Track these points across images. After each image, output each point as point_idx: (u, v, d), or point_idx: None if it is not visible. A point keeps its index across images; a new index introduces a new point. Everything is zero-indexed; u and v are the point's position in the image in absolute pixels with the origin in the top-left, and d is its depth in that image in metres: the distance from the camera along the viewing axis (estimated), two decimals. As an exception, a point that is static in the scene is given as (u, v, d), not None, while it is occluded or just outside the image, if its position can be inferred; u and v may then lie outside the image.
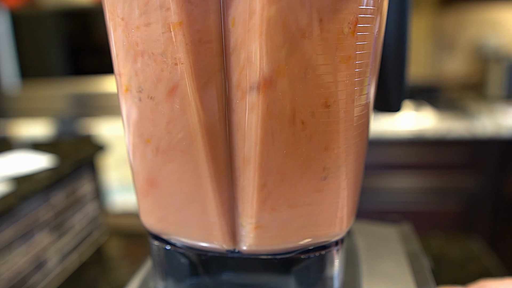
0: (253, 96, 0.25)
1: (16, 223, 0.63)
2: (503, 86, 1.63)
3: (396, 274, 0.39)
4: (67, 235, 0.76)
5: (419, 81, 1.74)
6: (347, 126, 0.27)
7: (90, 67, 1.81)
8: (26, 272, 0.65)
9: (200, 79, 0.25)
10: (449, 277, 0.58)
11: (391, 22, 0.34)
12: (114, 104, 1.77)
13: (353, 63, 0.26)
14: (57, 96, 1.83)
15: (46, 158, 0.77)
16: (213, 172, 0.27)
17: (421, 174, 1.39)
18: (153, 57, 0.26)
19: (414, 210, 1.41)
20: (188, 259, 0.32)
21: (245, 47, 0.25)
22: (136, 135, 0.30)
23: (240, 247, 0.30)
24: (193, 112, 0.26)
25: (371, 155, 1.37)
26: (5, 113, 1.87)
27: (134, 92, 0.28)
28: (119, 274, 0.71)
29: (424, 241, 0.68)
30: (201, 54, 0.25)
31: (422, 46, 1.74)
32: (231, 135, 0.27)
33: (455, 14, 1.71)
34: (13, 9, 1.77)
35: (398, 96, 0.37)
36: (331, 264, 0.32)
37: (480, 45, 1.72)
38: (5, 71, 1.83)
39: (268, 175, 0.27)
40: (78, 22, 1.79)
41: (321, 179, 0.28)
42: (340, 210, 0.30)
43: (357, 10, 0.25)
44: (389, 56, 0.35)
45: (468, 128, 1.31)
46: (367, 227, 0.48)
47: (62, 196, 0.75)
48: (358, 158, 0.30)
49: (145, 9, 0.25)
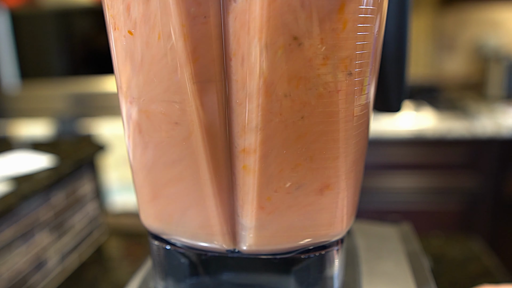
0: (253, 96, 0.25)
1: (16, 223, 0.63)
2: (503, 86, 1.63)
3: (396, 274, 0.39)
4: (67, 235, 0.76)
5: (419, 81, 1.74)
6: (347, 126, 0.27)
7: (90, 67, 1.81)
8: (26, 272, 0.65)
9: (201, 80, 0.25)
10: (449, 277, 0.58)
11: (391, 22, 0.34)
12: (114, 104, 1.77)
13: (353, 63, 0.26)
14: (57, 96, 1.83)
15: (46, 158, 0.77)
16: (213, 172, 0.27)
17: (421, 174, 1.39)
18: (153, 58, 0.26)
19: (414, 210, 1.41)
20: (188, 259, 0.32)
21: (245, 47, 0.25)
22: (136, 135, 0.30)
23: (240, 247, 0.30)
24: (193, 113, 0.26)
25: (371, 155, 1.37)
26: (5, 113, 1.87)
27: (134, 92, 0.28)
28: (119, 274, 0.71)
29: (424, 241, 0.68)
30: (201, 54, 0.25)
31: (422, 46, 1.74)
32: (231, 135, 0.27)
33: (455, 14, 1.71)
34: (13, 9, 1.77)
35: (398, 96, 0.37)
36: (331, 264, 0.32)
37: (480, 45, 1.72)
38: (5, 71, 1.83)
39: (268, 175, 0.27)
40: (78, 22, 1.79)
41: (321, 179, 0.28)
42: (340, 210, 0.30)
43: (357, 10, 0.25)
44: (389, 56, 0.35)
45: (468, 128, 1.31)
46: (367, 227, 0.48)
47: (62, 196, 0.75)
48: (358, 158, 0.30)
49: (145, 11, 0.25)
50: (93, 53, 1.81)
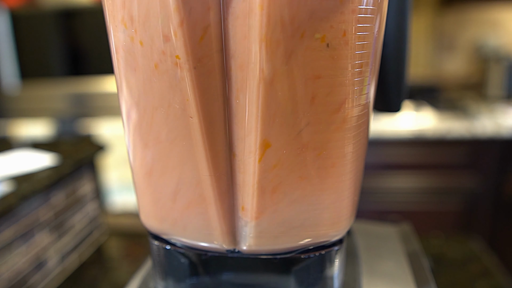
0: (253, 95, 0.25)
1: (16, 223, 0.63)
2: (503, 86, 1.63)
3: (396, 274, 0.39)
4: (67, 235, 0.76)
5: (419, 81, 1.74)
6: (347, 126, 0.27)
7: (90, 67, 1.81)
8: (26, 272, 0.65)
9: (201, 80, 0.25)
10: (449, 277, 0.58)
11: (391, 22, 0.34)
12: (114, 104, 1.77)
13: (353, 63, 0.26)
14: (57, 96, 1.83)
15: (46, 158, 0.77)
16: (213, 172, 0.27)
17: (421, 174, 1.39)
18: (153, 57, 0.26)
19: (414, 210, 1.41)
20: (188, 259, 0.32)
21: (245, 47, 0.25)
22: (136, 135, 0.30)
23: (240, 247, 0.30)
24: (193, 112, 0.26)
25: (371, 155, 1.37)
26: (5, 113, 1.87)
27: (134, 92, 0.28)
28: (119, 274, 0.71)
29: (424, 241, 0.68)
30: (201, 54, 0.25)
31: (422, 46, 1.74)
32: (231, 135, 0.27)
33: (455, 14, 1.71)
34: (13, 9, 1.77)
35: (398, 96, 0.37)
36: (331, 264, 0.32)
37: (480, 45, 1.72)
38: (5, 71, 1.83)
39: (268, 176, 0.27)
40: (78, 22, 1.79)
41: (321, 179, 0.28)
42: (340, 210, 0.30)
43: (357, 10, 0.25)
44: (389, 56, 0.35)
45: (468, 128, 1.31)
46: (367, 227, 0.48)
47: (62, 196, 0.75)
48: (358, 158, 0.30)
49: (145, 10, 0.25)
50: (93, 53, 1.81)
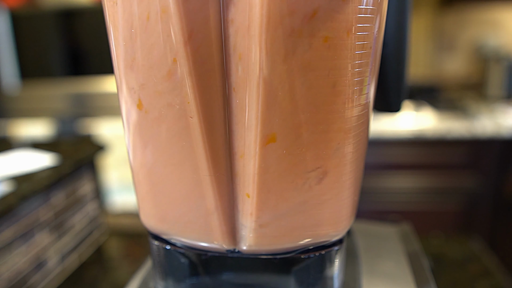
0: (253, 94, 0.25)
1: (16, 223, 0.63)
2: (503, 86, 1.63)
3: (396, 274, 0.39)
4: (67, 235, 0.76)
5: (419, 81, 1.74)
6: (347, 126, 0.27)
7: (90, 67, 1.81)
8: (26, 272, 0.65)
9: (201, 80, 0.25)
10: (449, 277, 0.58)
11: (391, 22, 0.34)
12: (114, 104, 1.77)
13: (353, 63, 0.26)
14: (57, 96, 1.83)
15: (46, 158, 0.77)
16: (213, 172, 0.27)
17: (421, 174, 1.39)
18: (152, 56, 0.26)
19: (414, 210, 1.41)
20: (188, 259, 0.32)
21: (244, 46, 0.25)
22: (136, 135, 0.30)
23: (240, 247, 0.30)
24: (193, 112, 0.26)
25: (371, 155, 1.37)
26: (5, 113, 1.87)
27: (134, 92, 0.28)
28: (119, 274, 0.71)
29: (424, 241, 0.68)
30: (201, 53, 0.25)
31: (422, 46, 1.74)
32: (231, 135, 0.27)
33: (455, 14, 1.71)
34: (13, 9, 1.77)
35: (398, 96, 0.37)
36: (331, 264, 0.32)
37: (480, 45, 1.72)
38: (5, 71, 1.83)
39: (268, 175, 0.27)
40: (78, 22, 1.79)
41: (321, 179, 0.28)
42: (340, 210, 0.30)
43: (357, 10, 0.25)
44: (389, 56, 0.35)
45: (468, 128, 1.31)
46: (367, 227, 0.48)
47: (62, 196, 0.75)
48: (358, 158, 0.30)
49: (145, 10, 0.25)
50: (93, 53, 1.81)
